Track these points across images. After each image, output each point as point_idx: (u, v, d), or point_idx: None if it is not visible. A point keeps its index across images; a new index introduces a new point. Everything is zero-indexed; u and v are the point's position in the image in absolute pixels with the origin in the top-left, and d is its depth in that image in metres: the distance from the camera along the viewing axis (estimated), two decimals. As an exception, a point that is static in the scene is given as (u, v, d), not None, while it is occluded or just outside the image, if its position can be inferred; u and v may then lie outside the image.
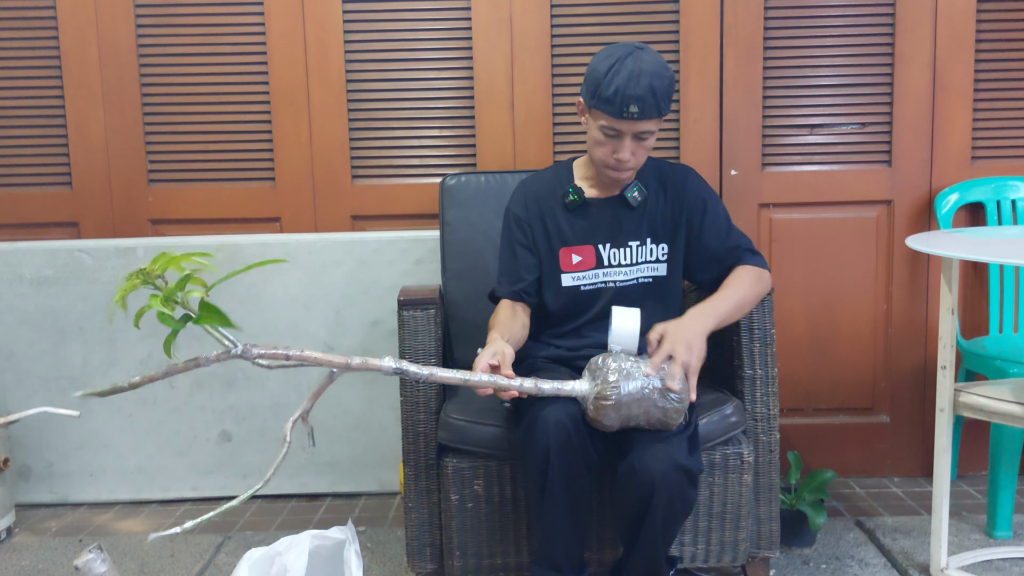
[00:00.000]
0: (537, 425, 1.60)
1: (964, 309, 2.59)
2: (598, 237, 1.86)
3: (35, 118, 2.59)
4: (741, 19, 2.49)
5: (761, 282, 1.83)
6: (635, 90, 1.67)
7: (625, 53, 1.71)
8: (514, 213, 1.91)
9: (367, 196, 2.59)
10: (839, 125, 2.55)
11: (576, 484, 1.62)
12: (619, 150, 1.75)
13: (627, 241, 1.86)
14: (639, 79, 1.67)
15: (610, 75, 1.69)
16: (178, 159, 2.59)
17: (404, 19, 2.52)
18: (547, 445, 1.59)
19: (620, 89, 1.67)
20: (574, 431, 1.60)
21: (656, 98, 1.69)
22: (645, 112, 1.69)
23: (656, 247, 1.87)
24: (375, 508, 2.51)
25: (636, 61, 1.69)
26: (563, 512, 1.62)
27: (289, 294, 2.52)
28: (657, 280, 1.88)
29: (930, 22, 2.49)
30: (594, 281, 1.86)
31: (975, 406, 1.90)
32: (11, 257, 2.51)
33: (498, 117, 2.54)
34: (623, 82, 1.67)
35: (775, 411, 1.93)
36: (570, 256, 1.87)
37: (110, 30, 2.53)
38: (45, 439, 2.56)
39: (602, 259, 1.86)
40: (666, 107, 1.73)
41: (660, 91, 1.69)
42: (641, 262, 1.87)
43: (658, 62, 1.72)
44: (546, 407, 1.61)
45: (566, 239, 1.87)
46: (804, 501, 2.18)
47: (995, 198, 2.51)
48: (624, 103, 1.68)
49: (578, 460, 1.61)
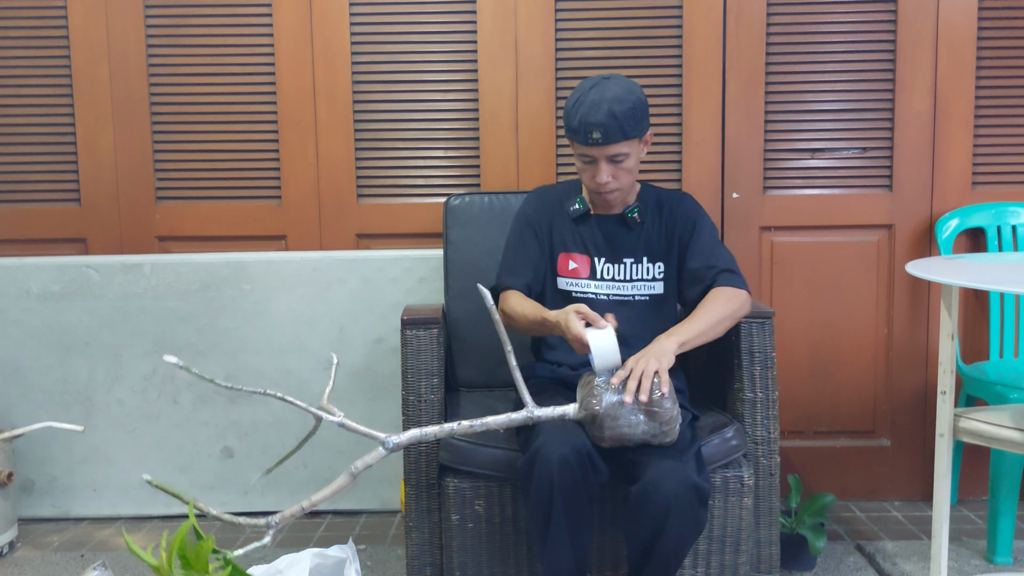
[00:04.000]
0: (540, 460, 1.61)
1: (965, 334, 2.60)
2: (595, 249, 1.94)
3: (45, 135, 2.62)
4: (743, 44, 2.52)
5: (734, 300, 1.85)
6: (596, 117, 1.77)
7: (590, 84, 1.82)
8: (526, 213, 2.00)
9: (372, 215, 2.61)
10: (840, 149, 2.57)
11: (580, 519, 1.63)
12: (597, 174, 1.84)
13: (622, 257, 1.94)
14: (599, 106, 1.77)
15: (576, 106, 1.81)
16: (186, 177, 2.62)
17: (410, 41, 2.55)
18: (551, 482, 1.60)
19: (583, 118, 1.78)
20: (578, 466, 1.61)
21: (618, 121, 1.77)
22: (608, 136, 1.78)
23: (653, 266, 1.93)
24: (376, 526, 2.51)
25: (599, 90, 1.79)
26: (566, 546, 1.63)
27: (293, 311, 2.54)
28: (654, 298, 1.94)
29: (931, 49, 2.51)
30: (585, 290, 1.93)
31: (975, 432, 1.91)
32: (19, 272, 2.54)
33: (502, 138, 2.56)
34: (585, 111, 1.78)
35: (776, 434, 1.94)
36: (567, 262, 1.95)
37: (121, 49, 2.57)
38: (49, 453, 2.57)
39: (596, 271, 1.93)
40: (633, 129, 1.80)
41: (622, 114, 1.77)
42: (638, 279, 1.93)
43: (622, 88, 1.80)
44: (549, 440, 1.62)
45: (566, 245, 1.96)
46: (804, 525, 2.18)
47: (996, 224, 2.53)
48: (587, 131, 1.78)
49: (581, 496, 1.62)
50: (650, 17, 2.53)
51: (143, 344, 2.54)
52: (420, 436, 1.62)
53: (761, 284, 2.58)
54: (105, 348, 2.54)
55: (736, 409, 1.96)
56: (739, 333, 1.95)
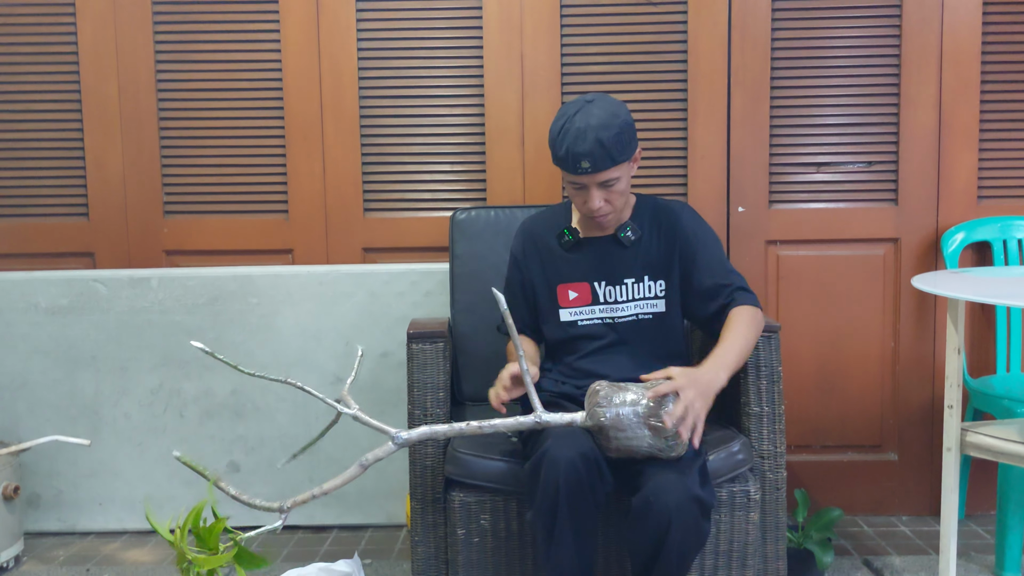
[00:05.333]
0: (547, 463, 1.61)
1: (972, 347, 2.59)
2: (593, 274, 1.91)
3: (54, 150, 2.64)
4: (748, 60, 2.53)
5: (757, 323, 1.84)
6: (582, 147, 1.73)
7: (574, 110, 1.77)
8: (514, 255, 2.00)
9: (379, 229, 2.62)
10: (846, 163, 2.57)
11: (585, 524, 1.63)
12: (588, 200, 1.81)
13: (622, 278, 1.90)
14: (585, 135, 1.73)
15: (561, 136, 1.76)
16: (194, 191, 2.64)
17: (417, 56, 2.57)
18: (557, 485, 1.59)
19: (570, 148, 1.74)
20: (585, 470, 1.60)
21: (605, 149, 1.74)
22: (597, 165, 1.75)
23: (654, 283, 1.91)
24: (382, 540, 2.51)
25: (584, 117, 1.75)
26: (570, 552, 1.62)
27: (300, 325, 2.54)
28: (657, 316, 1.91)
29: (935, 64, 2.52)
30: (591, 317, 1.91)
31: (982, 446, 1.90)
32: (27, 286, 2.55)
33: (508, 153, 2.57)
34: (571, 141, 1.74)
35: (782, 448, 1.94)
36: (567, 292, 1.92)
37: (130, 65, 2.59)
38: (55, 467, 2.58)
39: (598, 296, 1.91)
40: (621, 153, 1.76)
41: (609, 141, 1.73)
42: (639, 298, 1.90)
43: (606, 112, 1.76)
44: (557, 444, 1.62)
45: (563, 276, 1.93)
46: (811, 539, 2.17)
47: (1002, 237, 2.53)
48: (575, 161, 1.75)
49: (588, 500, 1.62)
50: (655, 32, 2.54)
51: (150, 358, 2.55)
52: (430, 433, 1.63)
53: (767, 298, 2.58)
54: (112, 362, 2.55)
55: (742, 423, 1.96)
56: (745, 347, 1.94)
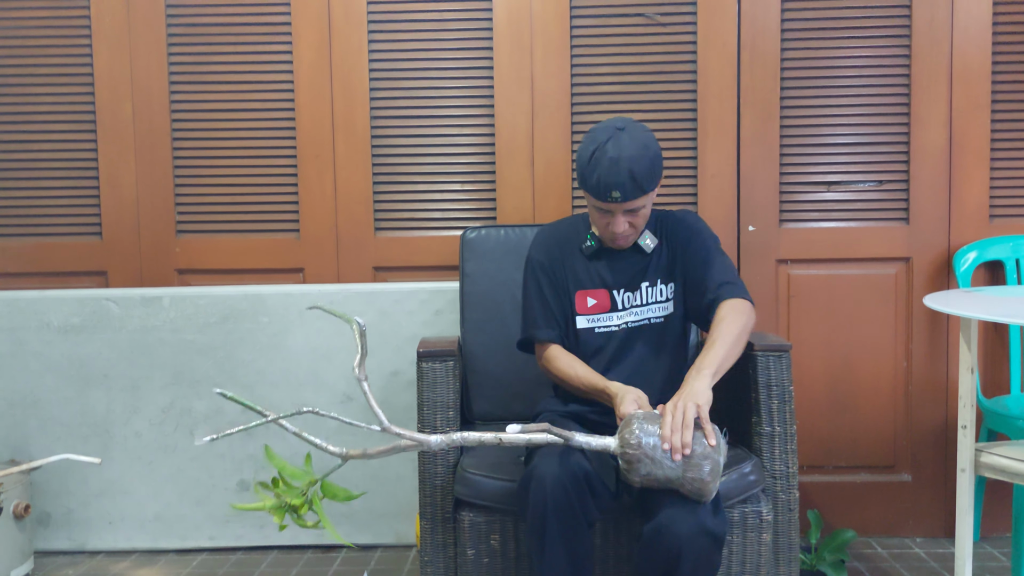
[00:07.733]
0: (534, 482, 1.61)
1: (985, 367, 2.57)
2: (613, 282, 1.92)
3: (69, 170, 2.66)
4: (758, 80, 2.54)
5: (742, 313, 1.79)
6: (615, 177, 1.75)
7: (605, 138, 1.78)
8: (538, 260, 1.97)
9: (389, 248, 2.63)
10: (856, 182, 2.57)
11: (576, 543, 1.62)
12: (612, 225, 1.83)
13: (640, 283, 1.92)
14: (618, 165, 1.74)
15: (592, 163, 1.78)
16: (206, 210, 2.65)
17: (428, 77, 2.59)
18: (544, 504, 1.59)
19: (601, 178, 1.76)
20: (573, 489, 1.60)
21: (636, 180, 1.76)
22: (627, 195, 1.77)
23: (666, 287, 1.93)
24: (391, 560, 2.50)
25: (616, 147, 1.76)
26: (562, 571, 1.61)
27: (310, 344, 2.55)
28: (668, 319, 1.92)
29: (946, 83, 2.52)
30: (608, 324, 1.92)
31: (996, 467, 1.88)
32: (40, 305, 2.56)
33: (518, 172, 2.58)
34: (604, 171, 1.76)
35: (794, 469, 1.92)
36: (585, 299, 1.93)
37: (144, 86, 2.62)
38: (65, 486, 2.58)
39: (616, 303, 1.92)
40: (651, 183, 1.79)
41: (640, 173, 1.76)
42: (652, 302, 1.92)
43: (639, 142, 1.77)
44: (545, 463, 1.62)
45: (582, 283, 1.93)
46: (824, 561, 2.15)
47: (1014, 256, 2.51)
48: (606, 190, 1.77)
49: (577, 519, 1.61)
50: (665, 52, 2.55)
51: (161, 376, 2.56)
52: (460, 440, 1.60)
53: (778, 317, 2.57)
54: (123, 380, 2.56)
55: (754, 443, 1.94)
56: (756, 366, 1.94)
